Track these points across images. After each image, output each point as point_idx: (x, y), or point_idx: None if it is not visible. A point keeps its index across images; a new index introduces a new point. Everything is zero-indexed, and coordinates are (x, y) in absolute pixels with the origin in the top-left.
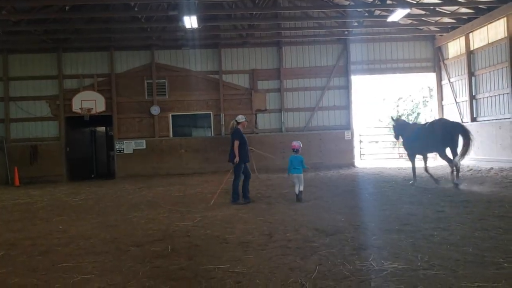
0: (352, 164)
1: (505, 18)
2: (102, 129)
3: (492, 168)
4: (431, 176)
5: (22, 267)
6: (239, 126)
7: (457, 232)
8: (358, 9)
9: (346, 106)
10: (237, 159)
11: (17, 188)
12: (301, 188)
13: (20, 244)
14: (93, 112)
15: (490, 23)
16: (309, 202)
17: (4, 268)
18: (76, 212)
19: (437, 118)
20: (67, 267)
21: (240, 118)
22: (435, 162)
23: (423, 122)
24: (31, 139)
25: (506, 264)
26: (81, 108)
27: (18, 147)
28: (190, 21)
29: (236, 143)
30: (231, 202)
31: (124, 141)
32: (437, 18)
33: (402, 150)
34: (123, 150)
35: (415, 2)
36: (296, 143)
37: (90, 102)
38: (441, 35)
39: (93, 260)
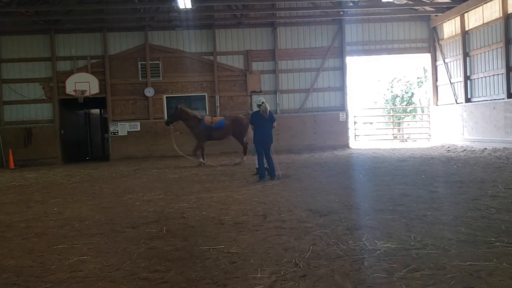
0: (346, 145)
1: None
2: (97, 111)
3: (485, 148)
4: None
5: (18, 249)
6: None
7: (450, 212)
8: None
9: (341, 88)
10: None
11: (12, 171)
12: None
13: (16, 226)
14: (86, 94)
15: (485, 3)
16: (303, 183)
17: (0, 250)
18: (71, 194)
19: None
20: (63, 248)
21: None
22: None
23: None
24: (25, 121)
25: (498, 243)
26: (74, 90)
27: (12, 129)
28: (184, 1)
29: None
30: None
31: (119, 123)
32: None
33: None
34: (117, 132)
35: None
36: None
37: (83, 84)
38: (436, 15)
39: (88, 241)
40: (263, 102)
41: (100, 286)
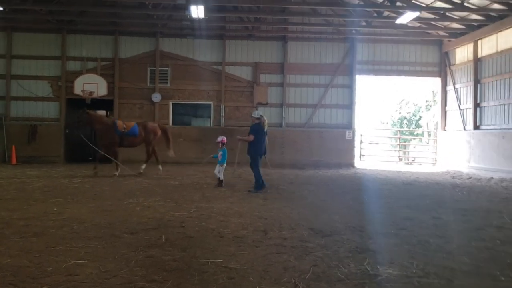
0: (351, 164)
1: None
2: (103, 113)
3: (492, 177)
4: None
5: (16, 247)
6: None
7: (454, 241)
8: (367, 9)
9: (349, 106)
10: None
11: (14, 167)
12: None
13: (14, 224)
14: (94, 95)
15: (500, 31)
16: (306, 201)
17: None
18: (71, 195)
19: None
20: (60, 250)
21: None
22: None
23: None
24: (31, 118)
25: (502, 278)
26: (82, 91)
27: (17, 125)
28: (197, 11)
29: None
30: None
31: None
32: (446, 23)
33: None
34: None
35: (425, 5)
36: (224, 138)
37: (92, 85)
38: (449, 40)
39: (86, 245)
40: (261, 115)
41: None
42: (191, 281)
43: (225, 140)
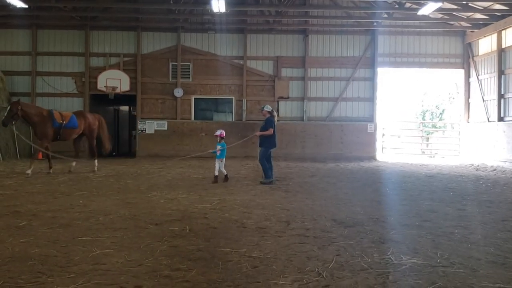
0: (373, 157)
1: None
2: (126, 108)
3: None
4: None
5: (43, 238)
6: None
7: (479, 232)
8: (389, 1)
9: (371, 98)
10: None
11: (40, 162)
12: None
13: (42, 216)
14: (117, 91)
15: None
16: (328, 193)
17: (26, 238)
18: (96, 188)
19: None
20: (87, 241)
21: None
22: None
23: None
24: None
25: None
26: (106, 87)
27: None
28: (218, 5)
29: None
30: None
31: (147, 121)
32: (469, 14)
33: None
34: (145, 130)
35: None
36: (223, 132)
37: (115, 81)
38: (472, 31)
39: (112, 235)
40: (272, 109)
41: (122, 281)
42: (215, 270)
43: (224, 134)
